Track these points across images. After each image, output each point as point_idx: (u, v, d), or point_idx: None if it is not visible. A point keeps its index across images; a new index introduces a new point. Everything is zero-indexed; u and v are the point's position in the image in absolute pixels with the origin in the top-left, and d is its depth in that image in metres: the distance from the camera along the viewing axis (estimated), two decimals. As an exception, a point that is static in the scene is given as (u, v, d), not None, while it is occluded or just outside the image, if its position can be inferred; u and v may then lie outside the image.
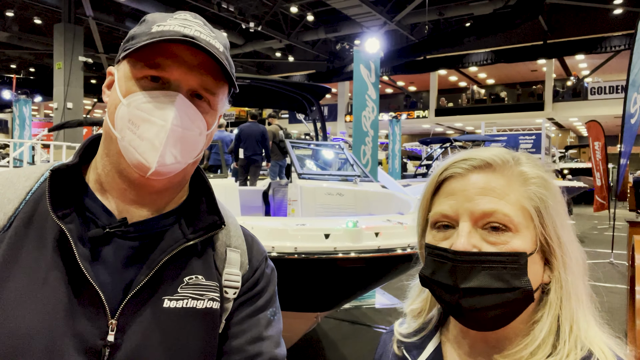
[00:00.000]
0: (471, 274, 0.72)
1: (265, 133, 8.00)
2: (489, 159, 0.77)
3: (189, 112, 0.80)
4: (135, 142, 0.77)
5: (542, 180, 0.77)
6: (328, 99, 31.39)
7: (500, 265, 0.71)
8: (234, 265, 0.90)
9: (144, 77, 0.80)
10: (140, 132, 0.78)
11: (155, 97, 0.79)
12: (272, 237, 2.47)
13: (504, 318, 0.73)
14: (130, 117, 0.78)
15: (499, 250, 0.72)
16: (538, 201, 0.75)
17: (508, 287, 0.71)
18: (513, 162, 0.78)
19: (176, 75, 0.80)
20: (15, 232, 0.78)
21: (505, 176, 0.76)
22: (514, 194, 0.75)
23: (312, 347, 4.53)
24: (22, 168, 0.88)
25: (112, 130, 0.80)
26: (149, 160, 0.77)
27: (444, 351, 0.84)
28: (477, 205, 0.74)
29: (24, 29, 21.90)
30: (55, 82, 15.59)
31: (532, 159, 0.80)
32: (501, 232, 0.73)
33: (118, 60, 0.85)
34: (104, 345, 0.75)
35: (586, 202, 22.38)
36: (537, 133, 22.05)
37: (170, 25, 0.80)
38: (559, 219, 0.76)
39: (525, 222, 0.74)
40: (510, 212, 0.73)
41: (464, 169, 0.77)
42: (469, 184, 0.76)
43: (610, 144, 13.79)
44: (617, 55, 21.68)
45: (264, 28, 20.47)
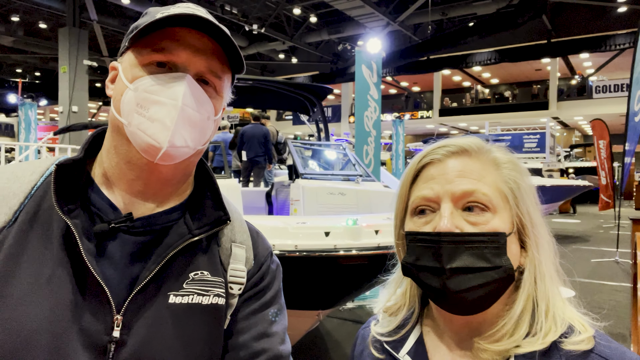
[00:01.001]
0: (456, 255, 0.74)
1: (268, 135, 8.01)
2: (465, 145, 0.81)
3: (197, 94, 0.80)
4: (145, 125, 0.77)
5: (513, 165, 0.81)
6: (332, 100, 31.41)
7: (482, 244, 0.74)
8: (239, 260, 0.90)
9: (150, 62, 0.80)
10: (151, 114, 0.77)
11: (163, 79, 0.78)
12: (272, 235, 2.48)
13: (487, 299, 0.75)
14: (139, 101, 0.78)
15: (480, 231, 0.75)
16: (512, 183, 0.79)
17: (491, 266, 0.73)
18: (486, 148, 0.82)
19: (183, 59, 0.80)
20: (20, 227, 0.77)
21: (481, 161, 0.80)
22: (490, 177, 0.79)
23: (315, 346, 4.54)
24: (27, 162, 0.88)
25: (119, 118, 0.79)
26: (159, 141, 0.77)
27: (426, 342, 0.84)
28: (458, 186, 0.77)
29: (29, 34, 22.05)
30: (61, 86, 15.66)
31: (502, 148, 0.85)
32: (481, 212, 0.76)
33: (122, 52, 0.84)
34: (109, 341, 0.75)
35: (592, 201, 22.26)
36: (542, 132, 21.95)
37: (175, 11, 0.80)
38: (530, 201, 0.80)
39: (502, 204, 0.78)
40: (489, 192, 0.77)
41: (441, 154, 0.81)
42: (448, 168, 0.79)
43: (615, 142, 13.71)
44: (622, 53, 21.55)
45: (267, 30, 20.51)
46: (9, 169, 0.84)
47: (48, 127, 27.16)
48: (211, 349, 0.83)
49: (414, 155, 0.89)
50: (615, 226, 9.37)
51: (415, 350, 0.83)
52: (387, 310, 0.91)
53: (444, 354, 0.81)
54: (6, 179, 0.81)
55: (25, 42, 22.33)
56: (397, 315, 0.89)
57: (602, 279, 7.45)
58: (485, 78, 31.24)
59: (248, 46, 23.64)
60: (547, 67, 25.76)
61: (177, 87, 0.78)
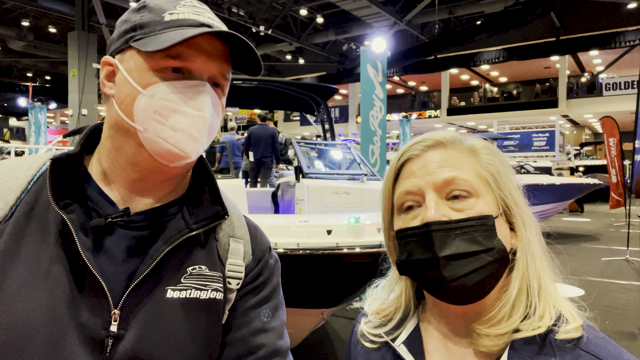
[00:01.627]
0: (447, 242, 0.74)
1: (275, 135, 8.05)
2: (440, 138, 0.83)
3: (215, 101, 0.82)
4: (166, 133, 0.77)
5: (489, 150, 0.84)
6: (339, 101, 31.39)
7: (472, 229, 0.75)
8: (237, 255, 0.89)
9: (164, 68, 0.78)
10: (172, 123, 0.77)
11: (182, 87, 0.78)
12: (275, 233, 2.49)
13: (485, 283, 0.75)
14: (156, 109, 0.77)
15: (467, 216, 0.76)
16: (491, 167, 0.81)
17: (484, 249, 0.74)
18: (460, 139, 0.84)
19: (198, 65, 0.80)
20: (17, 222, 0.77)
21: (457, 150, 0.82)
22: (469, 164, 0.80)
23: (322, 346, 4.54)
24: (23, 157, 0.87)
25: (130, 123, 0.79)
26: (186, 151, 0.79)
27: (422, 331, 0.84)
28: (438, 175, 0.78)
29: (39, 38, 22.30)
30: (70, 89, 15.82)
31: (476, 137, 0.87)
32: (464, 198, 0.77)
33: (119, 49, 0.82)
34: (107, 336, 0.75)
35: (602, 199, 22.02)
36: (551, 130, 21.77)
37: (184, 14, 0.80)
38: (511, 183, 0.81)
39: (485, 188, 0.79)
40: (469, 178, 0.78)
41: (419, 149, 0.83)
42: (427, 161, 0.81)
43: (625, 140, 13.56)
44: (632, 50, 21.31)
45: (274, 31, 20.56)
46: (5, 164, 0.84)
47: (58, 130, 27.45)
48: (209, 344, 0.83)
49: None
50: (626, 224, 9.26)
51: (411, 339, 0.83)
52: (381, 312, 0.90)
53: (439, 343, 0.82)
54: (2, 174, 0.81)
55: (35, 47, 22.59)
56: (394, 317, 0.88)
57: (612, 277, 7.37)
58: (494, 76, 31.05)
59: (255, 48, 23.61)
60: (557, 64, 25.55)
61: (201, 97, 0.79)
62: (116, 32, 0.84)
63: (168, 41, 0.76)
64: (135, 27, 0.81)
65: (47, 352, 0.71)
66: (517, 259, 0.79)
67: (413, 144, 0.84)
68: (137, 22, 0.81)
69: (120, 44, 0.82)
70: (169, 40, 0.76)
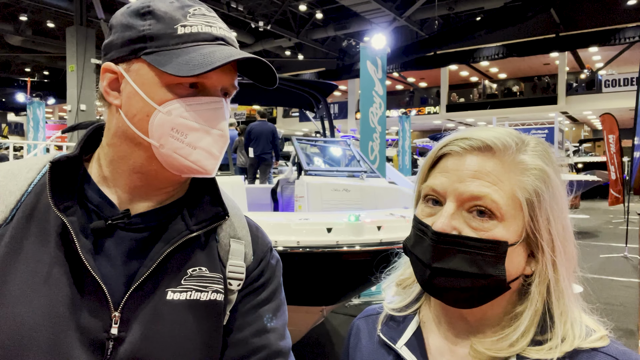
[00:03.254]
0: (446, 256, 0.72)
1: (276, 132, 8.04)
2: (489, 141, 0.74)
3: (227, 115, 0.83)
4: (185, 151, 0.78)
5: (541, 172, 0.74)
6: (338, 97, 31.34)
7: (477, 251, 0.71)
8: (238, 256, 0.89)
9: (179, 84, 0.77)
10: (190, 140, 0.78)
11: (199, 104, 0.78)
12: (275, 231, 2.50)
13: (475, 301, 0.74)
14: (174, 126, 0.77)
15: (479, 237, 0.71)
16: (532, 193, 0.72)
17: (480, 274, 0.71)
18: (515, 147, 0.75)
19: (213, 80, 0.79)
20: (17, 225, 0.77)
21: (503, 162, 0.74)
22: (508, 182, 0.72)
23: (322, 342, 4.55)
24: (23, 159, 0.87)
25: (144, 138, 0.78)
26: (207, 169, 0.80)
27: (424, 331, 0.84)
28: (467, 187, 0.72)
29: (38, 33, 22.19)
30: (69, 85, 15.75)
31: (539, 148, 0.77)
32: (486, 218, 0.72)
33: (128, 59, 0.79)
34: (107, 338, 0.75)
35: (601, 196, 22.05)
36: (550, 127, 21.75)
37: (197, 25, 0.79)
38: (553, 214, 0.73)
39: (514, 212, 0.72)
40: (500, 200, 0.71)
41: (462, 148, 0.75)
42: (464, 164, 0.74)
43: (625, 137, 13.56)
44: (632, 47, 21.29)
45: (273, 27, 20.49)
46: (5, 167, 0.84)
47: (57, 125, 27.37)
48: (210, 345, 0.82)
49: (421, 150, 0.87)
50: (625, 221, 9.28)
51: (413, 341, 0.82)
52: (402, 283, 0.90)
53: (442, 344, 0.81)
54: (2, 177, 0.81)
55: (34, 41, 22.49)
56: (412, 287, 0.88)
57: (611, 274, 7.39)
58: (493, 73, 31.01)
59: (254, 43, 23.63)
60: (556, 61, 25.52)
61: (219, 115, 0.80)
62: (116, 36, 0.81)
63: (193, 66, 0.74)
64: (144, 38, 0.78)
65: (47, 355, 0.71)
66: (532, 292, 0.74)
67: (459, 139, 0.76)
68: (145, 32, 0.78)
69: (126, 53, 0.79)
70: (193, 64, 0.74)
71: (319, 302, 2.95)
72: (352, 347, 0.92)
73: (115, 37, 0.81)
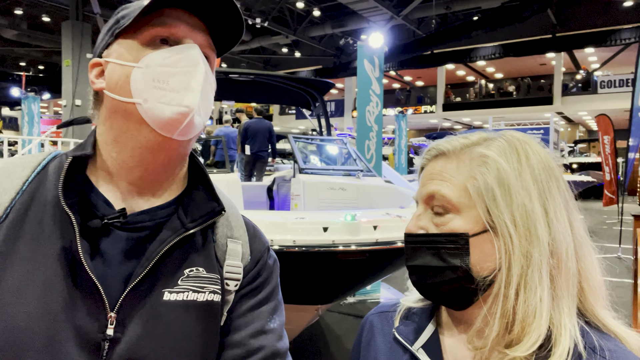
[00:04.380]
0: (416, 254, 0.80)
1: (272, 129, 8.02)
2: (443, 148, 0.82)
3: (206, 64, 0.82)
4: (169, 96, 0.78)
5: (490, 161, 0.76)
6: (335, 95, 31.33)
7: (440, 245, 0.77)
8: (235, 256, 0.88)
9: (152, 38, 0.80)
10: (173, 85, 0.78)
11: (175, 50, 0.80)
12: (271, 230, 2.49)
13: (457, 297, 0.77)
14: (154, 76, 0.78)
15: (439, 232, 0.78)
16: (481, 182, 0.75)
17: (445, 266, 0.76)
18: (473, 145, 0.80)
19: (185, 32, 0.81)
20: (11, 224, 0.76)
21: (458, 159, 0.80)
22: (460, 177, 0.78)
23: (316, 341, 4.55)
24: (18, 157, 0.86)
25: (128, 101, 0.79)
26: (189, 104, 0.78)
27: (441, 335, 0.84)
28: (426, 189, 0.81)
29: (33, 27, 22.03)
30: (64, 80, 15.67)
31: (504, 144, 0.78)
32: (443, 213, 0.78)
33: (105, 46, 0.84)
34: (103, 339, 0.74)
35: (596, 196, 22.18)
36: (546, 127, 21.85)
37: None
38: (516, 200, 0.73)
39: (469, 203, 0.76)
40: (449, 193, 0.77)
41: (427, 159, 0.85)
42: (427, 171, 0.83)
43: (620, 138, 13.63)
44: (627, 48, 21.37)
45: (270, 24, 20.43)
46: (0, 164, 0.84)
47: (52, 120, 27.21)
48: (207, 346, 0.82)
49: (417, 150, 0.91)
50: (619, 222, 9.32)
51: (430, 345, 0.83)
52: None
53: (457, 348, 0.81)
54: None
55: (29, 36, 22.31)
56: None
57: (604, 274, 7.40)
58: (490, 72, 31.09)
59: (251, 40, 23.57)
60: (552, 61, 25.61)
61: (192, 53, 0.80)
62: (100, 38, 0.87)
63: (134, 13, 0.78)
64: (118, 20, 0.83)
65: (43, 355, 0.70)
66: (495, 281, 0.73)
67: (426, 152, 0.86)
68: (119, 16, 0.84)
69: (106, 40, 0.84)
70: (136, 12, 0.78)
71: (314, 301, 2.95)
72: (364, 343, 0.92)
73: (99, 39, 0.87)
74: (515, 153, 0.77)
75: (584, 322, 0.74)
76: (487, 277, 0.75)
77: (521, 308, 0.71)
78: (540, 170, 0.76)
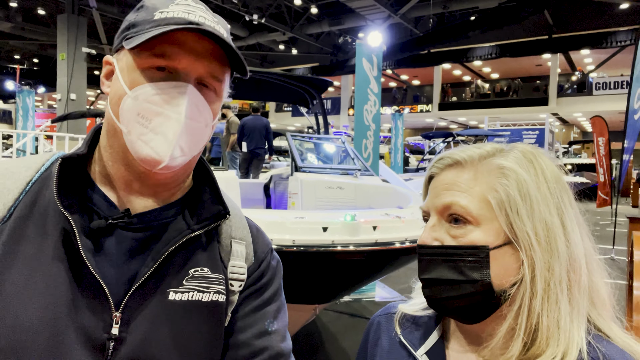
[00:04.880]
0: (431, 266, 0.76)
1: (269, 127, 8.00)
2: (459, 157, 0.80)
3: (198, 104, 0.79)
4: (147, 136, 0.76)
5: (512, 173, 0.75)
6: (331, 93, 31.31)
7: (458, 257, 0.74)
8: (239, 257, 0.88)
9: (149, 67, 0.77)
10: (154, 125, 0.76)
11: (165, 88, 0.77)
12: (270, 229, 2.48)
13: (473, 311, 0.75)
14: (140, 111, 0.76)
15: (458, 244, 0.74)
16: (502, 194, 0.74)
17: (464, 280, 0.73)
18: (489, 156, 0.78)
19: (184, 64, 0.78)
20: (15, 224, 0.76)
21: (475, 170, 0.78)
22: (479, 187, 0.76)
23: (311, 339, 4.56)
24: (22, 158, 0.87)
25: (117, 123, 0.78)
26: (161, 154, 0.76)
27: (446, 343, 0.84)
28: (440, 199, 0.78)
29: (28, 20, 21.86)
30: (59, 73, 15.58)
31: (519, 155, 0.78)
32: (461, 224, 0.75)
33: (117, 48, 0.82)
34: (108, 339, 0.74)
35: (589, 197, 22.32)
36: (541, 128, 21.95)
37: (174, 12, 0.78)
38: (537, 213, 0.73)
39: (489, 215, 0.74)
40: (469, 204, 0.75)
41: (439, 168, 0.82)
42: (440, 181, 0.80)
43: (614, 139, 13.72)
44: (623, 50, 21.50)
45: (267, 20, 20.37)
46: (4, 165, 0.83)
47: (46, 114, 27.05)
48: (211, 346, 0.82)
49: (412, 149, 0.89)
50: (612, 223, 9.39)
51: (434, 352, 0.82)
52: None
53: (462, 356, 0.81)
54: (1, 175, 0.80)
55: (24, 28, 22.13)
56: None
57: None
58: (486, 73, 31.17)
59: (248, 36, 23.51)
60: (548, 62, 25.71)
61: (179, 99, 0.77)
62: (118, 33, 0.85)
63: (141, 38, 0.76)
64: (129, 26, 0.81)
65: (47, 355, 0.70)
66: (514, 294, 0.73)
67: (437, 160, 0.83)
68: (132, 21, 0.81)
69: (118, 43, 0.83)
70: (148, 36, 0.75)
71: (312, 300, 2.95)
72: (371, 343, 0.93)
73: (117, 33, 0.85)
74: (531, 165, 0.77)
75: (592, 334, 0.74)
76: (508, 290, 0.73)
77: (545, 321, 0.71)
78: (554, 183, 0.76)
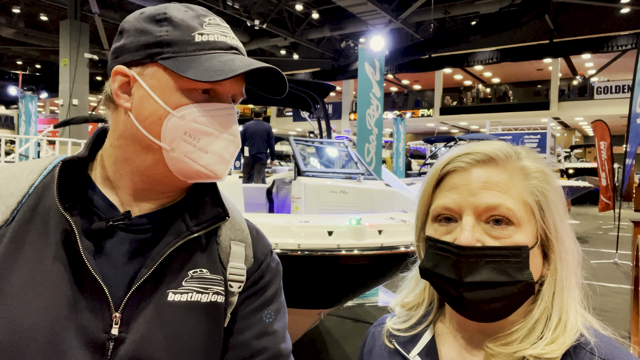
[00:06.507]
0: (475, 268, 0.72)
1: (271, 131, 8.02)
2: (491, 153, 0.77)
3: (237, 121, 0.86)
4: (195, 154, 0.79)
5: (543, 175, 0.78)
6: (333, 97, 31.35)
7: (504, 259, 0.72)
8: (239, 258, 0.89)
9: (193, 89, 0.79)
10: (202, 145, 0.79)
11: (212, 110, 0.80)
12: (275, 233, 2.48)
13: (505, 310, 0.75)
14: (187, 130, 0.78)
15: (502, 245, 0.73)
16: (539, 195, 0.76)
17: (511, 281, 0.72)
18: (515, 156, 0.79)
19: (226, 87, 0.82)
20: (18, 226, 0.77)
21: (508, 170, 0.77)
22: (516, 188, 0.76)
23: (314, 344, 4.54)
24: (25, 162, 0.88)
25: (155, 141, 0.79)
26: (218, 173, 0.81)
27: (438, 344, 0.84)
28: (481, 199, 0.74)
29: (30, 26, 21.95)
30: (61, 79, 15.62)
31: (532, 153, 0.81)
32: (504, 226, 0.74)
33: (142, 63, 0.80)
34: (107, 339, 0.75)
35: (591, 202, 22.26)
36: (542, 132, 21.96)
37: (213, 35, 0.81)
38: (558, 213, 0.77)
39: (527, 216, 0.75)
40: (514, 206, 0.74)
41: (466, 162, 0.78)
42: (472, 178, 0.76)
43: (616, 143, 13.72)
44: (624, 54, 21.51)
45: (269, 26, 20.43)
46: (7, 169, 0.85)
47: (48, 119, 27.11)
48: (210, 347, 0.83)
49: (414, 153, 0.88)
50: (615, 227, 9.36)
51: (427, 351, 0.82)
52: (406, 306, 0.91)
53: (456, 356, 0.81)
54: (4, 179, 0.82)
55: (26, 34, 22.23)
56: (417, 310, 0.89)
57: (601, 280, 7.45)
58: (487, 77, 31.20)
59: (249, 42, 23.56)
60: (549, 67, 25.73)
61: (231, 121, 0.83)
62: (129, 40, 0.82)
63: (214, 72, 0.76)
64: (161, 43, 0.79)
65: (47, 355, 0.71)
66: (543, 291, 0.77)
67: (461, 155, 0.79)
68: (163, 38, 0.79)
69: (141, 57, 0.80)
70: (214, 70, 0.76)
71: (317, 305, 2.94)
72: (366, 352, 0.93)
73: (129, 41, 0.82)
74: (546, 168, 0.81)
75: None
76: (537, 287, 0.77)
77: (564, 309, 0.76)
78: (559, 188, 0.80)
